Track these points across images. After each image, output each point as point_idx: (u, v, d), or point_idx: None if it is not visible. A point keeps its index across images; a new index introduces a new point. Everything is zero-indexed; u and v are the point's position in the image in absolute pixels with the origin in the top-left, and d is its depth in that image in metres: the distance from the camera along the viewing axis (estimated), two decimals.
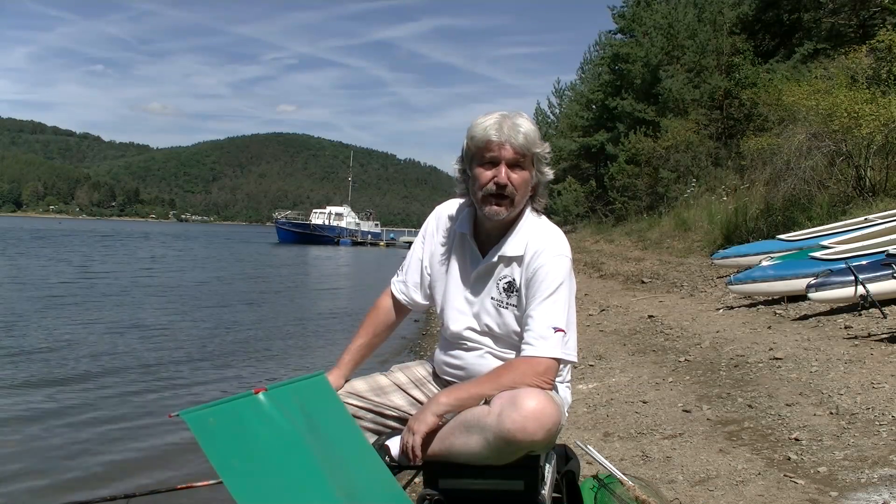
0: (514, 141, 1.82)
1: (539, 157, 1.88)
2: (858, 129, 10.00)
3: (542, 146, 1.89)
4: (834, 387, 4.08)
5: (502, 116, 1.86)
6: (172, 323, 10.64)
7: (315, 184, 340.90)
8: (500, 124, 1.84)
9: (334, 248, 53.29)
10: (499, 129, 1.83)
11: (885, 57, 11.73)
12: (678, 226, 16.88)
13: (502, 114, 1.87)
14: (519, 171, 1.85)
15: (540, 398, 1.68)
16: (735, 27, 22.09)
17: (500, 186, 1.83)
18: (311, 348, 9.17)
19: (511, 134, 1.82)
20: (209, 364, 7.65)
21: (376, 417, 1.98)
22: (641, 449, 3.47)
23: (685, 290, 9.81)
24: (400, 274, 2.13)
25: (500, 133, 1.83)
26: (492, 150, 1.84)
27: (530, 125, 1.86)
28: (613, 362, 5.78)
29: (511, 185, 1.84)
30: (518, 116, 1.87)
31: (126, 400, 5.99)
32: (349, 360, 2.07)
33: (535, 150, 1.86)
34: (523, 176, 1.86)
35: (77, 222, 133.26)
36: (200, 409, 1.44)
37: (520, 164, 1.85)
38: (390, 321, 2.14)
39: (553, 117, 40.42)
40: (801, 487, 2.78)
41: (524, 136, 1.83)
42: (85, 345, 8.38)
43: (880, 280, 5.69)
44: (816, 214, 10.52)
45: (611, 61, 29.01)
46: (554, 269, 1.84)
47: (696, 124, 20.86)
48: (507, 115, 1.87)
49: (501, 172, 1.83)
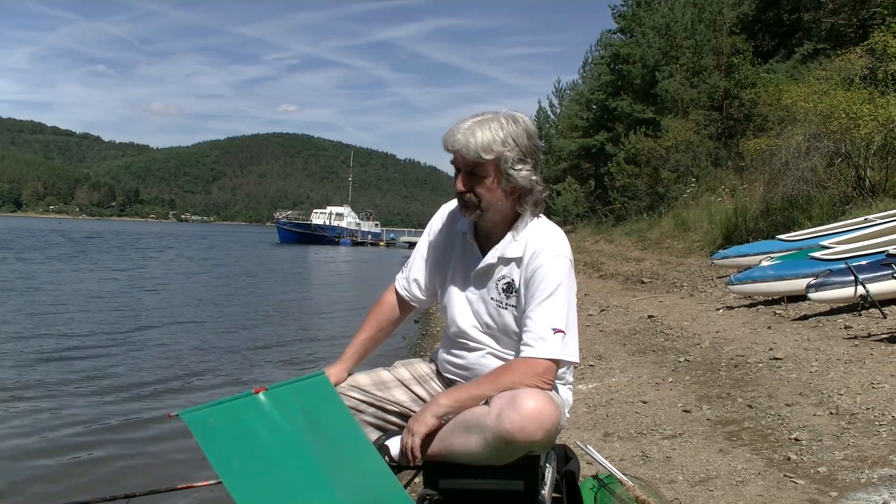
0: (464, 150, 1.80)
1: (502, 161, 1.81)
2: (857, 130, 10.00)
3: (508, 150, 1.80)
4: (834, 387, 4.08)
5: (473, 122, 1.82)
6: (172, 323, 10.64)
7: (315, 184, 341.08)
8: (457, 132, 1.81)
9: (335, 248, 53.32)
10: (453, 138, 1.81)
11: (881, 58, 11.73)
12: (678, 226, 16.87)
13: (476, 119, 1.83)
14: (479, 178, 1.82)
15: (539, 398, 1.68)
16: (735, 27, 22.08)
17: (458, 193, 1.86)
18: (312, 348, 9.16)
19: (463, 142, 1.80)
20: (209, 364, 7.64)
21: (377, 412, 1.98)
22: (641, 449, 3.47)
23: (685, 290, 9.81)
24: (404, 271, 2.14)
25: (455, 141, 1.81)
26: (453, 157, 1.85)
27: (494, 133, 1.79)
28: (613, 362, 5.78)
29: (472, 192, 1.83)
30: (485, 124, 1.81)
31: (126, 400, 5.99)
32: (352, 353, 2.08)
33: (488, 157, 1.79)
34: (485, 183, 1.83)
35: (77, 222, 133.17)
36: (200, 410, 1.44)
37: (476, 172, 1.82)
38: (394, 317, 2.15)
39: (553, 117, 40.44)
40: (801, 487, 2.78)
41: (475, 144, 1.78)
42: (85, 344, 8.38)
43: (880, 280, 5.68)
44: (816, 215, 10.52)
45: (611, 61, 29.02)
46: (553, 269, 1.83)
47: (695, 124, 20.86)
48: (480, 120, 1.83)
49: (458, 181, 1.85)
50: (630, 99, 25.50)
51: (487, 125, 1.82)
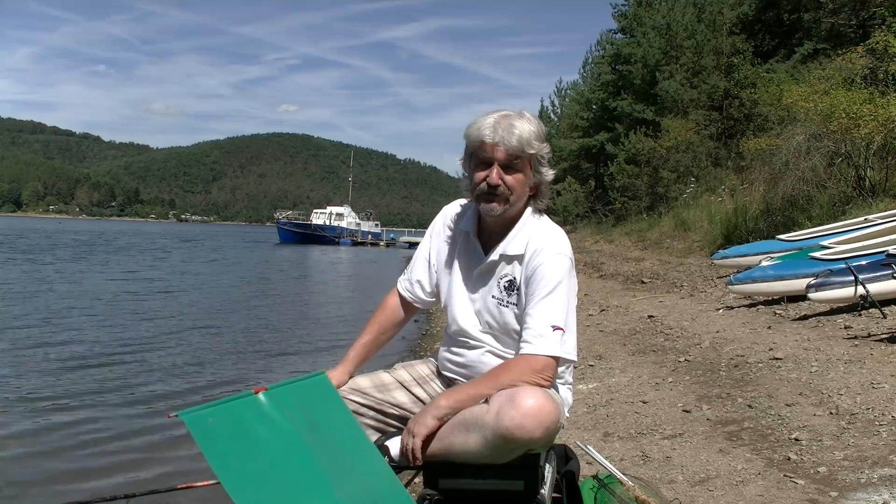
0: (507, 143, 1.81)
1: (537, 157, 1.87)
2: (857, 130, 10.00)
3: (541, 147, 1.86)
4: (834, 387, 4.08)
5: (500, 116, 1.85)
6: (172, 323, 10.64)
7: (315, 184, 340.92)
8: (496, 125, 1.82)
9: (335, 249, 53.32)
10: (493, 131, 1.82)
11: (881, 57, 11.72)
12: (678, 226, 16.87)
13: (501, 113, 1.86)
14: (513, 172, 1.84)
15: (538, 396, 1.68)
16: (735, 27, 22.08)
17: (491, 187, 1.84)
18: (313, 346, 9.17)
19: (505, 136, 1.81)
20: (209, 364, 7.65)
21: (378, 415, 1.97)
22: (641, 449, 3.47)
23: (685, 290, 9.81)
24: (406, 272, 2.14)
25: (494, 134, 1.82)
26: (485, 151, 1.84)
27: (529, 126, 1.84)
28: (613, 362, 5.78)
29: (504, 185, 1.84)
30: (517, 117, 1.85)
31: (125, 400, 5.99)
32: (354, 356, 2.07)
33: (530, 151, 1.84)
34: (518, 177, 1.85)
35: (77, 223, 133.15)
36: (199, 410, 1.44)
37: (514, 165, 1.84)
38: (397, 319, 2.14)
39: (554, 117, 40.47)
40: (801, 487, 2.78)
41: (518, 137, 1.81)
42: (86, 344, 8.38)
43: (880, 280, 5.69)
44: (816, 215, 10.52)
45: (611, 61, 29.01)
46: (553, 267, 1.84)
47: (695, 124, 20.86)
48: (506, 114, 1.85)
49: (493, 173, 1.83)
50: (630, 99, 25.50)
51: (523, 119, 1.85)
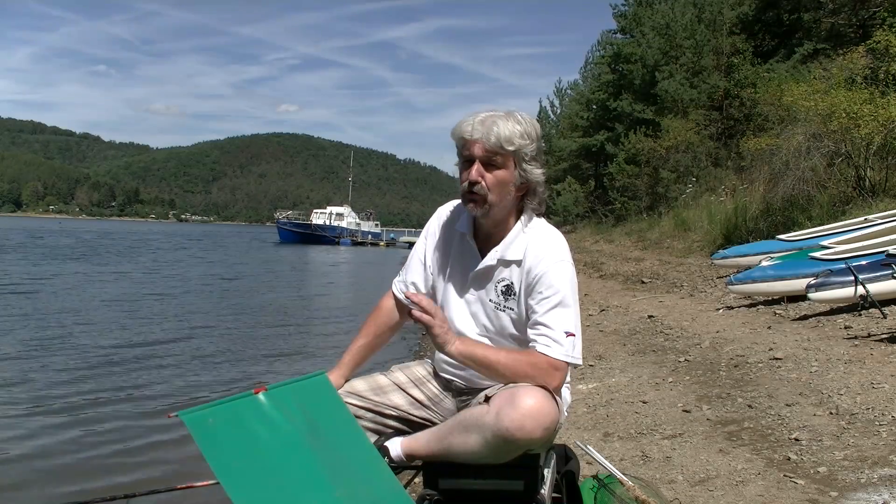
0: (485, 139, 1.80)
1: (521, 155, 1.83)
2: (857, 130, 9.99)
3: (525, 144, 1.82)
4: (834, 387, 4.08)
5: (486, 115, 1.83)
6: (172, 323, 10.64)
7: (315, 184, 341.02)
8: (477, 122, 1.82)
9: (335, 249, 53.34)
10: (473, 127, 1.81)
11: (882, 57, 11.72)
12: (678, 226, 16.87)
13: (488, 113, 1.84)
14: (493, 169, 1.82)
15: (538, 396, 1.68)
16: (735, 27, 22.07)
17: (470, 184, 1.83)
18: (313, 347, 9.16)
19: (484, 132, 1.80)
20: (209, 364, 7.65)
21: (376, 417, 1.97)
22: (641, 449, 3.47)
23: (685, 290, 9.81)
24: (402, 274, 2.13)
25: (474, 131, 1.81)
26: (467, 148, 1.83)
27: (512, 124, 1.81)
28: (613, 362, 5.78)
29: (483, 183, 1.82)
30: (503, 116, 1.83)
31: (125, 400, 5.99)
32: (349, 360, 2.07)
33: (510, 148, 1.80)
34: (498, 175, 1.82)
35: (77, 222, 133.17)
36: (199, 410, 1.43)
37: (493, 162, 1.82)
38: (392, 322, 2.13)
39: (554, 117, 40.48)
40: (801, 487, 2.78)
41: (496, 134, 1.79)
42: (83, 346, 8.38)
43: (880, 280, 5.68)
44: (816, 215, 10.51)
45: (611, 61, 29.01)
46: (560, 275, 1.84)
47: (695, 124, 20.86)
48: (491, 113, 1.84)
49: (473, 170, 1.82)
50: (630, 99, 25.50)
51: (508, 118, 1.83)
